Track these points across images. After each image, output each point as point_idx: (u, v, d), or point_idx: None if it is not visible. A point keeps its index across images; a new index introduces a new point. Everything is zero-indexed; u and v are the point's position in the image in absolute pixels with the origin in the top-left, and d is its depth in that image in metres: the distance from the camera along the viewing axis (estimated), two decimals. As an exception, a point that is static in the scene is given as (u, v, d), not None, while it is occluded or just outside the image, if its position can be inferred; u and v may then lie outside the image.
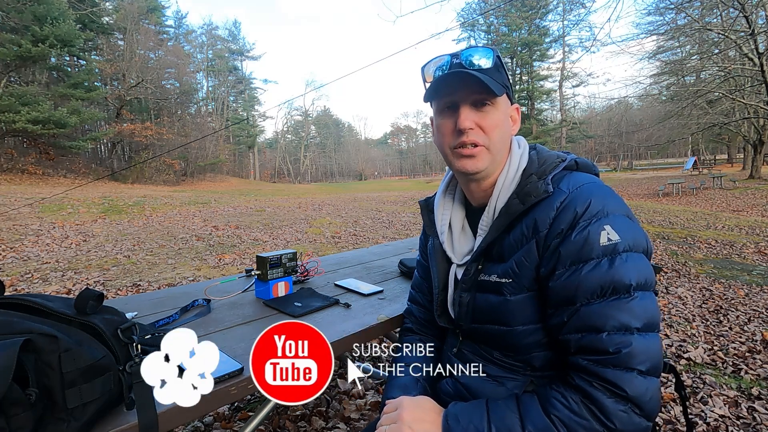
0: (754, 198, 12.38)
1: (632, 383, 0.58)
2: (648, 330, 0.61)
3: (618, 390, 0.58)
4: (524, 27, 37.63)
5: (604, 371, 0.59)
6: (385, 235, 6.64)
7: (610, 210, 0.66)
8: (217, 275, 4.05)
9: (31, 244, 5.42)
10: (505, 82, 0.75)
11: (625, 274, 0.62)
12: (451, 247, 0.83)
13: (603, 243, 0.63)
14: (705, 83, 16.55)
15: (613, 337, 0.60)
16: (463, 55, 0.73)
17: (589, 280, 0.63)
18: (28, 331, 0.57)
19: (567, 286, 0.64)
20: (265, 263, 1.22)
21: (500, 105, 0.74)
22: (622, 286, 0.61)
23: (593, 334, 0.61)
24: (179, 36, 36.84)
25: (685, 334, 2.49)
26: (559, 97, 41.82)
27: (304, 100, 63.59)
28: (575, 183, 0.70)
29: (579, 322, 0.63)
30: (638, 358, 0.59)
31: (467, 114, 0.72)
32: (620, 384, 0.58)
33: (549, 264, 0.67)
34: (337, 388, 1.88)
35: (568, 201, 0.67)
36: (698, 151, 33.38)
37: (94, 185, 15.68)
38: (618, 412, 0.58)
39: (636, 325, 0.60)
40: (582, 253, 0.64)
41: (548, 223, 0.68)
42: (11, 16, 16.11)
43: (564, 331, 0.65)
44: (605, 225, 0.64)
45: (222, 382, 0.73)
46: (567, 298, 0.65)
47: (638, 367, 0.59)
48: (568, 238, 0.65)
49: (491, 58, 0.73)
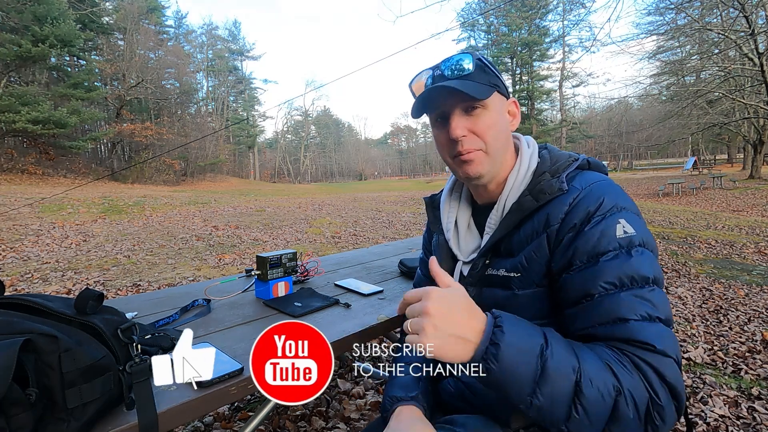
0: (754, 198, 12.38)
1: (670, 368, 0.56)
2: (667, 324, 0.60)
3: (659, 373, 0.55)
4: (524, 27, 37.64)
5: (644, 354, 0.56)
6: (385, 235, 6.64)
7: (623, 206, 0.66)
8: (217, 275, 4.05)
9: (31, 244, 5.42)
10: (492, 81, 0.74)
11: (643, 265, 0.61)
12: (457, 245, 0.83)
13: (620, 235, 0.63)
14: (705, 83, 16.54)
15: (643, 325, 0.58)
16: (442, 66, 0.74)
17: (608, 271, 0.61)
18: (28, 331, 0.57)
19: (585, 279, 0.63)
20: (265, 263, 1.22)
21: (492, 105, 0.74)
22: (642, 278, 0.60)
23: (621, 324, 0.59)
24: (179, 36, 36.88)
25: (685, 334, 2.49)
26: (559, 97, 41.85)
27: (304, 100, 63.68)
28: (588, 181, 0.70)
29: (603, 313, 0.60)
30: (671, 348, 0.57)
31: (458, 122, 0.72)
32: (661, 369, 0.55)
33: (563, 259, 0.66)
34: (337, 388, 1.88)
35: (581, 197, 0.67)
36: (698, 151, 33.37)
37: (94, 185, 15.68)
38: (663, 391, 0.55)
39: (659, 315, 0.59)
40: (599, 245, 0.63)
41: (560, 218, 0.67)
42: (11, 16, 16.11)
43: (588, 325, 0.62)
44: (620, 219, 0.64)
45: (222, 382, 0.73)
46: (585, 291, 0.63)
47: (672, 355, 0.57)
48: (582, 232, 0.65)
49: (471, 62, 0.72)
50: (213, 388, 0.72)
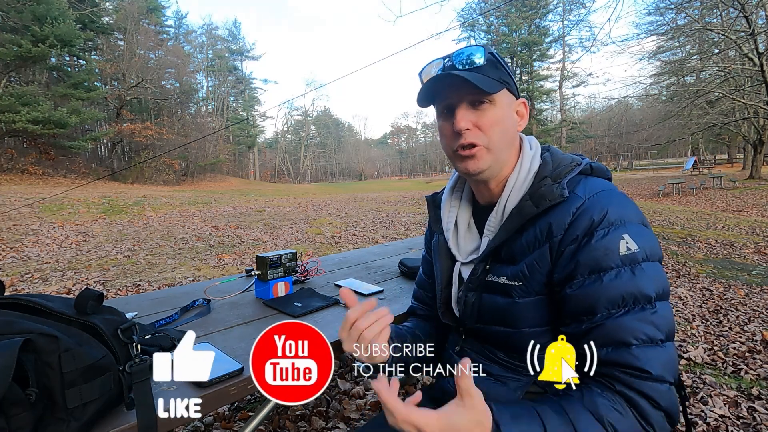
0: (754, 198, 12.38)
1: (665, 395, 0.59)
2: (668, 340, 0.62)
3: (653, 402, 0.59)
4: (524, 27, 37.62)
5: (640, 384, 0.59)
6: (385, 235, 6.64)
7: (627, 218, 0.65)
8: (217, 275, 4.05)
9: (31, 244, 5.42)
10: (503, 77, 0.73)
11: (646, 284, 0.61)
12: (456, 245, 0.83)
13: (623, 252, 0.63)
14: (705, 83, 16.53)
15: (643, 350, 0.60)
16: (454, 56, 0.73)
17: (610, 290, 0.62)
18: (28, 331, 0.57)
19: (587, 295, 0.63)
20: (265, 263, 1.22)
21: (500, 102, 0.73)
22: (644, 298, 0.61)
23: (623, 349, 0.61)
24: (179, 36, 36.85)
25: (685, 334, 2.49)
26: (559, 97, 41.85)
27: (304, 100, 63.65)
28: (591, 189, 0.69)
29: (605, 336, 0.62)
30: (669, 371, 0.60)
31: (463, 114, 0.71)
32: (655, 397, 0.59)
33: (564, 270, 0.66)
34: (337, 388, 1.88)
35: (585, 207, 0.66)
36: (698, 151, 33.35)
37: (94, 185, 15.68)
38: (658, 417, 0.59)
39: (660, 337, 0.61)
40: (602, 262, 0.63)
41: (563, 228, 0.67)
42: (11, 16, 16.10)
43: (584, 340, 0.63)
44: (624, 234, 0.64)
45: (222, 382, 0.73)
46: (587, 308, 0.64)
47: (668, 379, 0.60)
48: (585, 246, 0.64)
49: (483, 56, 0.72)
50: (213, 388, 0.72)
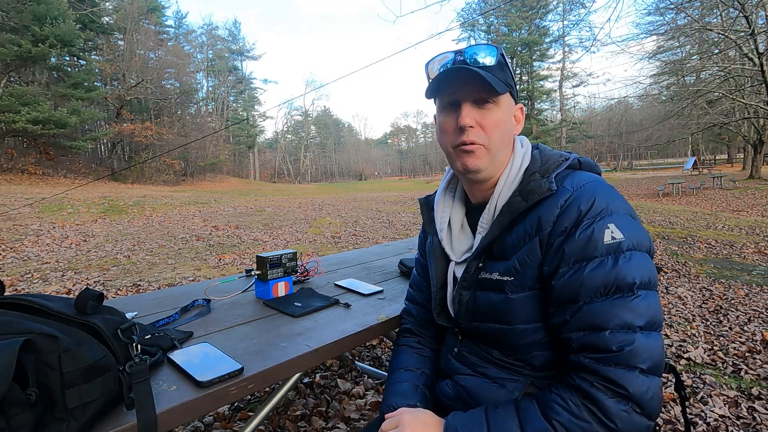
0: (754, 198, 12.37)
1: (634, 382, 0.58)
2: (650, 329, 0.61)
3: (619, 389, 0.58)
4: (524, 27, 37.62)
5: (606, 369, 0.59)
6: (385, 235, 6.64)
7: (614, 208, 0.66)
8: (217, 275, 4.05)
9: (31, 244, 5.42)
10: (508, 80, 0.74)
11: (629, 272, 0.62)
12: (450, 245, 0.83)
13: (607, 241, 0.63)
14: (705, 83, 16.53)
15: (616, 335, 0.60)
16: (466, 52, 0.73)
17: (592, 279, 0.62)
18: (28, 331, 0.57)
19: (570, 285, 0.64)
20: (265, 263, 1.22)
21: (503, 104, 0.74)
22: (626, 285, 0.61)
23: (596, 333, 0.61)
24: (179, 36, 36.88)
25: (685, 334, 2.49)
26: (559, 97, 41.84)
27: (304, 100, 63.68)
28: (579, 181, 0.70)
29: (581, 320, 0.63)
30: (640, 357, 0.59)
31: (468, 111, 0.72)
32: (622, 382, 0.58)
33: (552, 262, 0.67)
34: (337, 388, 1.88)
35: (572, 199, 0.67)
36: (698, 151, 33.35)
37: (94, 185, 15.68)
38: (619, 412, 0.58)
39: (639, 323, 0.60)
40: (586, 252, 0.64)
41: (552, 221, 0.67)
42: (11, 16, 16.10)
43: (566, 329, 0.65)
44: (609, 223, 0.64)
45: (222, 382, 0.73)
46: (570, 297, 0.64)
47: (640, 365, 0.59)
48: (572, 237, 0.65)
49: (495, 56, 0.72)
50: (213, 388, 0.71)
